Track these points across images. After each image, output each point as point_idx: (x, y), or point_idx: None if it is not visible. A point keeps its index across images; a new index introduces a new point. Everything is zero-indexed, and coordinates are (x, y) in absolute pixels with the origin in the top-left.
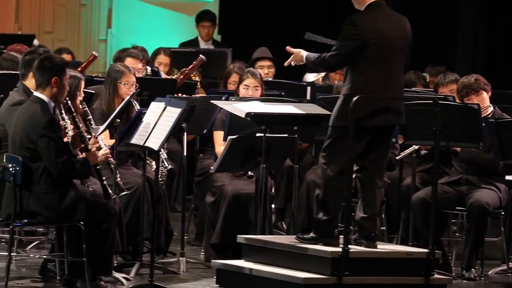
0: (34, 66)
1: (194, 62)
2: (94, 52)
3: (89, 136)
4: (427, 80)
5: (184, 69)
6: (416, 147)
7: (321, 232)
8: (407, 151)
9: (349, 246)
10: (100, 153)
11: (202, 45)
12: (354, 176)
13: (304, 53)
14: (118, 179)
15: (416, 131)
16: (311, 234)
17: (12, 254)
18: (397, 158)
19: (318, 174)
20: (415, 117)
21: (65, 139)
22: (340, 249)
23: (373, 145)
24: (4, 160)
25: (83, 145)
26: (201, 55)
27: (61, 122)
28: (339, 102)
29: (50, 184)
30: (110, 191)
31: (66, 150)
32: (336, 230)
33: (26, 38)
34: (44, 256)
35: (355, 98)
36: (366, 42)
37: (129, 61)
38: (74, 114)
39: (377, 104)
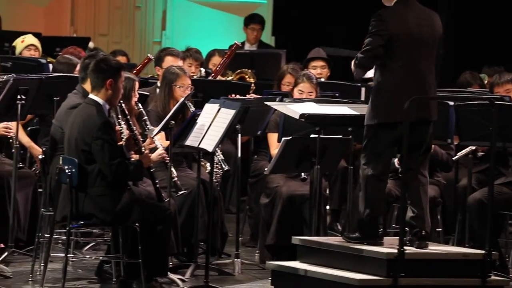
0: (89, 68)
1: (230, 50)
2: (149, 55)
3: (142, 139)
4: (485, 81)
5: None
6: (473, 147)
7: (365, 231)
8: (464, 151)
9: (405, 247)
10: (156, 154)
11: (247, 48)
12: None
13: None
14: (175, 178)
15: (472, 132)
16: (356, 234)
17: (68, 255)
18: (453, 158)
19: (360, 175)
20: (471, 117)
21: (121, 142)
22: (395, 250)
23: (409, 143)
24: (60, 162)
25: (137, 147)
26: (236, 41)
27: (117, 126)
28: (370, 100)
29: (105, 186)
30: (163, 194)
31: (120, 153)
32: (380, 230)
33: (82, 40)
34: (100, 258)
35: (410, 99)
36: (394, 38)
37: (169, 60)
38: (128, 116)
39: (406, 100)
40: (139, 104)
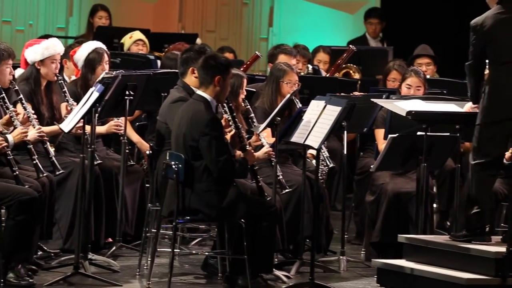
0: (199, 64)
1: (345, 54)
2: (257, 52)
3: (248, 135)
4: None
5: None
6: None
7: (472, 230)
8: None
9: None
10: (262, 151)
11: (371, 42)
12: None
13: None
14: (280, 176)
15: None
16: (463, 232)
17: (175, 250)
18: None
19: (469, 172)
20: None
21: (227, 136)
22: (504, 249)
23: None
24: (167, 158)
25: (241, 145)
26: (350, 46)
27: (225, 116)
28: None
29: (212, 182)
30: (266, 193)
31: (227, 150)
32: (487, 228)
33: (189, 37)
34: (206, 253)
35: None
36: (489, 43)
37: (282, 58)
38: (235, 113)
39: (503, 99)
40: (246, 101)
